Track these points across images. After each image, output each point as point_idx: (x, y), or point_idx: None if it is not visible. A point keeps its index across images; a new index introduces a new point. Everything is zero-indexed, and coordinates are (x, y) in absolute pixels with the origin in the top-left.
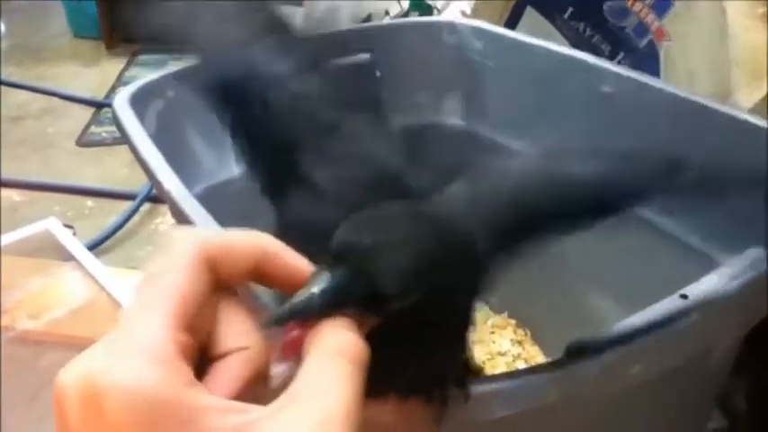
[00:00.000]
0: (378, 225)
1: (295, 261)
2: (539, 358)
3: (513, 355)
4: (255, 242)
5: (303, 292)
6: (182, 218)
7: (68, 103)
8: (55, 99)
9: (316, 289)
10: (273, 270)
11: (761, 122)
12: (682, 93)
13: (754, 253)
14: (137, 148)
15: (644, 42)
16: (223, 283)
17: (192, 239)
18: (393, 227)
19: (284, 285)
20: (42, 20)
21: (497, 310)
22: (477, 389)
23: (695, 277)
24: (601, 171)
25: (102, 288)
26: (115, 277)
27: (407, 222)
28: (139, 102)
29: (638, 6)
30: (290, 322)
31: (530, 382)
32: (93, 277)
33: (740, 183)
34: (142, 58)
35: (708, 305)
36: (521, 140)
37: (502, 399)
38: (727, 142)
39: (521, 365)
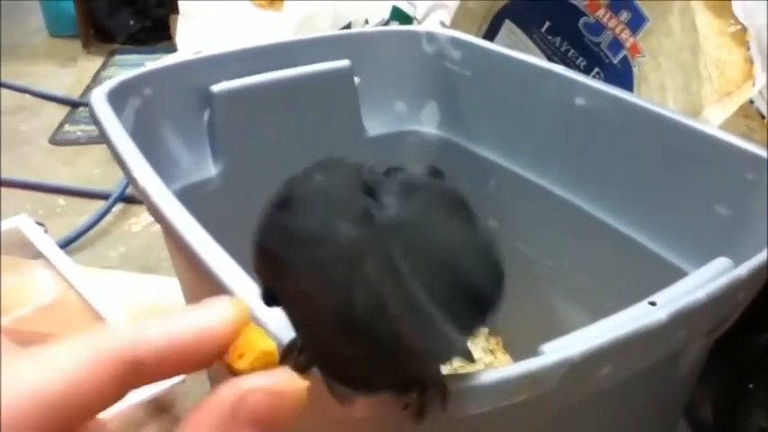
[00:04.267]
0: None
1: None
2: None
3: (485, 363)
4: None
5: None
6: (158, 216)
7: (42, 101)
8: (29, 96)
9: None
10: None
11: (730, 138)
12: (654, 107)
13: (721, 263)
14: (114, 145)
15: (618, 58)
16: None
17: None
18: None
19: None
20: (18, 17)
21: None
22: (450, 387)
23: (663, 287)
24: None
25: (72, 286)
26: (85, 276)
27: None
28: (117, 98)
29: (613, 23)
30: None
31: (500, 381)
32: (63, 276)
33: None
34: (119, 57)
35: (675, 311)
36: (496, 150)
37: (472, 397)
38: (697, 157)
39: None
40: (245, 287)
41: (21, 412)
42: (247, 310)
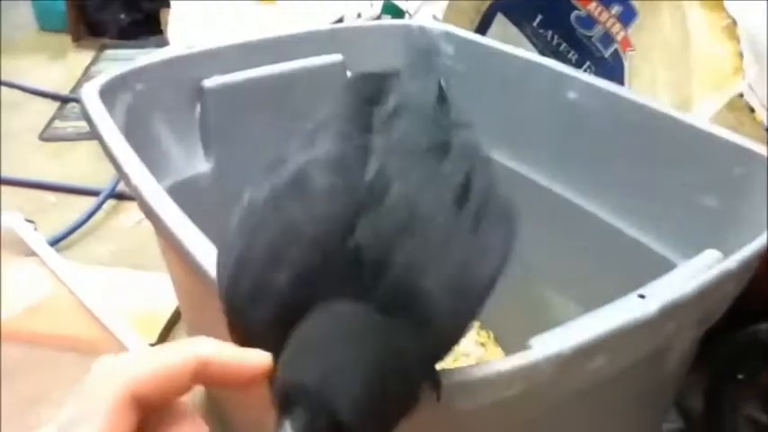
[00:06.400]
0: (322, 352)
1: (235, 359)
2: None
3: (476, 357)
4: (187, 356)
5: None
6: (150, 213)
7: (32, 97)
8: (18, 92)
9: None
10: (214, 374)
11: (720, 132)
12: (644, 101)
13: (711, 254)
14: (105, 141)
15: (609, 52)
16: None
17: (114, 379)
18: (338, 351)
19: (230, 385)
20: (7, 11)
21: None
22: (442, 381)
23: (653, 278)
24: None
25: (63, 284)
26: (76, 273)
27: (348, 343)
28: (108, 94)
29: (604, 16)
30: None
31: (491, 375)
32: (54, 273)
33: None
34: (110, 52)
35: (664, 304)
36: (487, 144)
37: (464, 392)
38: (687, 151)
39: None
40: None
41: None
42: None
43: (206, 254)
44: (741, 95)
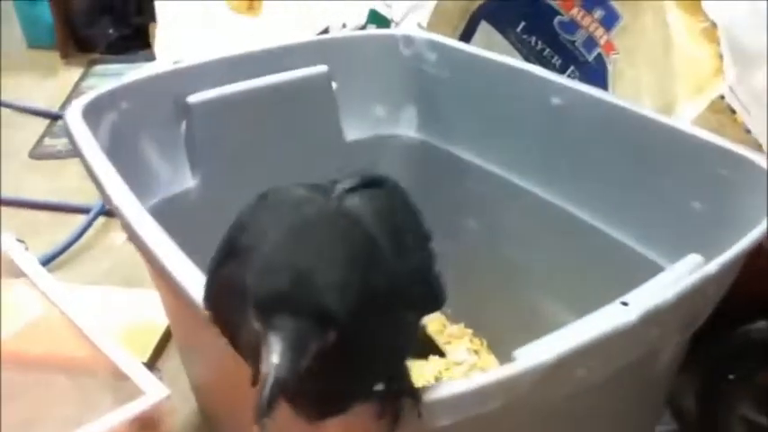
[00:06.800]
0: (290, 251)
1: None
2: (495, 367)
3: (469, 365)
4: None
5: (266, 368)
6: (132, 234)
7: (21, 115)
8: (7, 110)
9: (275, 358)
10: None
11: (702, 134)
12: (627, 105)
13: (693, 259)
14: (88, 162)
15: (593, 56)
16: None
17: None
18: (305, 247)
19: None
20: None
21: (454, 319)
22: (423, 397)
23: (643, 283)
24: None
25: (55, 305)
26: (68, 293)
27: (316, 233)
28: (93, 113)
29: (586, 21)
30: (276, 406)
31: (473, 389)
32: (44, 294)
33: None
34: (99, 68)
35: (645, 311)
36: (475, 152)
37: (446, 406)
38: (672, 154)
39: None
40: None
41: None
42: None
43: (189, 276)
44: (722, 97)
